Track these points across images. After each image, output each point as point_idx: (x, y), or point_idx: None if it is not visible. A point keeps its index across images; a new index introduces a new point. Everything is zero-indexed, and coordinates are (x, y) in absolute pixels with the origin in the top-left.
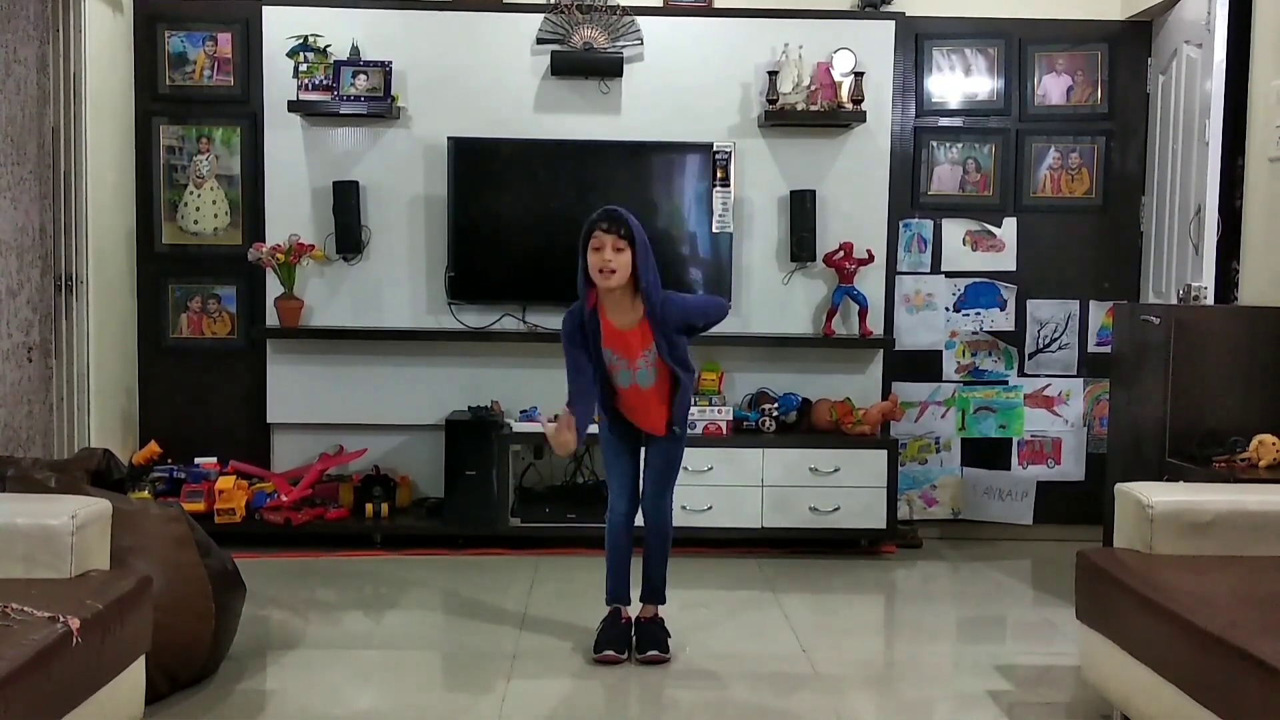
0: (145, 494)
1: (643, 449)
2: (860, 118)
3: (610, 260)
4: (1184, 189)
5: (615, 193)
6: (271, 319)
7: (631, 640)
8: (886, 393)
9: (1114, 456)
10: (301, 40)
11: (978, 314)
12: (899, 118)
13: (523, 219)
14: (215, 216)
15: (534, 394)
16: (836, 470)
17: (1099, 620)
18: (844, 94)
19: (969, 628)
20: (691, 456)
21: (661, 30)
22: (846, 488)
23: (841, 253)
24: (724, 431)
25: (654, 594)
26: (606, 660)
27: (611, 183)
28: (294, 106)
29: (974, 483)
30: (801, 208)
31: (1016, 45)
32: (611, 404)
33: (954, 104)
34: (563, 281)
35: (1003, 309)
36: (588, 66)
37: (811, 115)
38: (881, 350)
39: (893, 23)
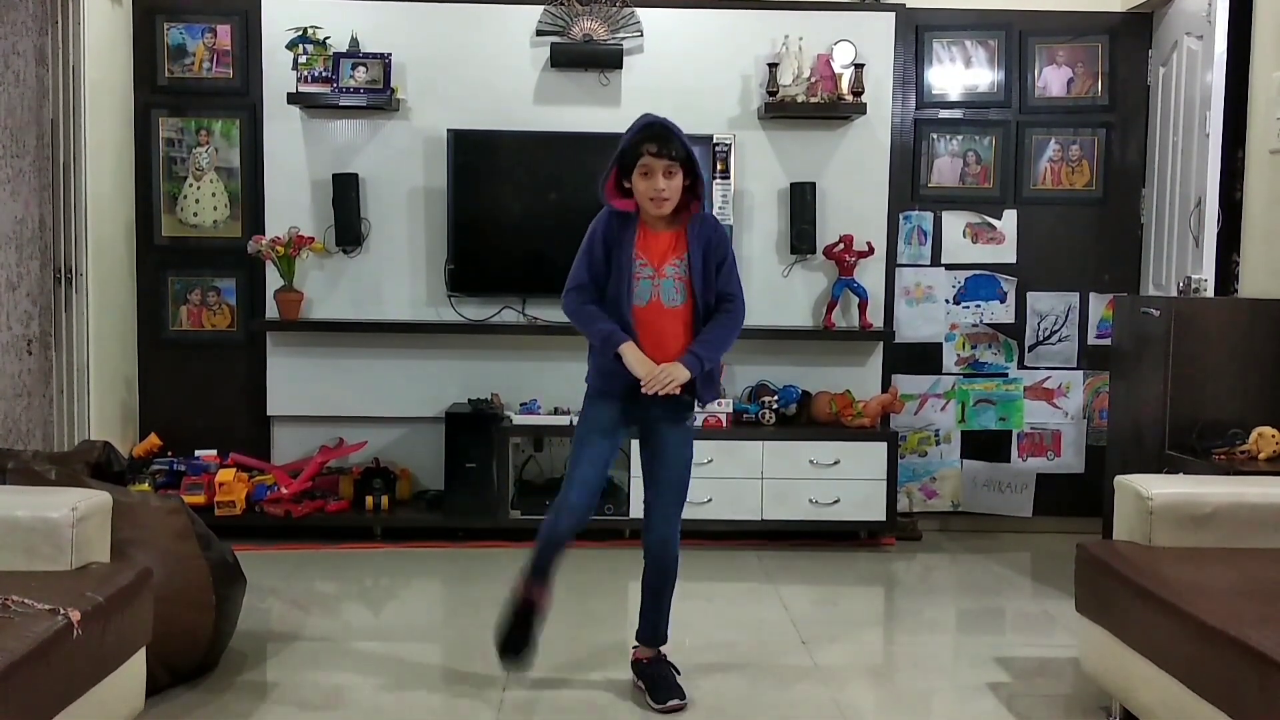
0: (145, 486)
1: (646, 454)
2: (860, 110)
3: (664, 189)
4: (1184, 181)
5: None
6: (271, 311)
7: (531, 639)
8: (886, 385)
9: (1113, 449)
10: (301, 32)
11: (978, 306)
12: (899, 110)
13: (523, 211)
14: (215, 209)
15: (534, 387)
16: (836, 463)
17: (1098, 612)
18: (844, 86)
19: (968, 620)
20: None
21: (661, 22)
22: (846, 480)
23: (841, 245)
24: (724, 424)
25: (658, 635)
26: (511, 664)
27: None
28: (293, 99)
29: (974, 475)
30: (801, 200)
31: (1017, 37)
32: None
33: (954, 96)
34: (563, 274)
35: (1003, 301)
36: (587, 58)
37: (811, 107)
38: (881, 343)
39: (893, 14)
